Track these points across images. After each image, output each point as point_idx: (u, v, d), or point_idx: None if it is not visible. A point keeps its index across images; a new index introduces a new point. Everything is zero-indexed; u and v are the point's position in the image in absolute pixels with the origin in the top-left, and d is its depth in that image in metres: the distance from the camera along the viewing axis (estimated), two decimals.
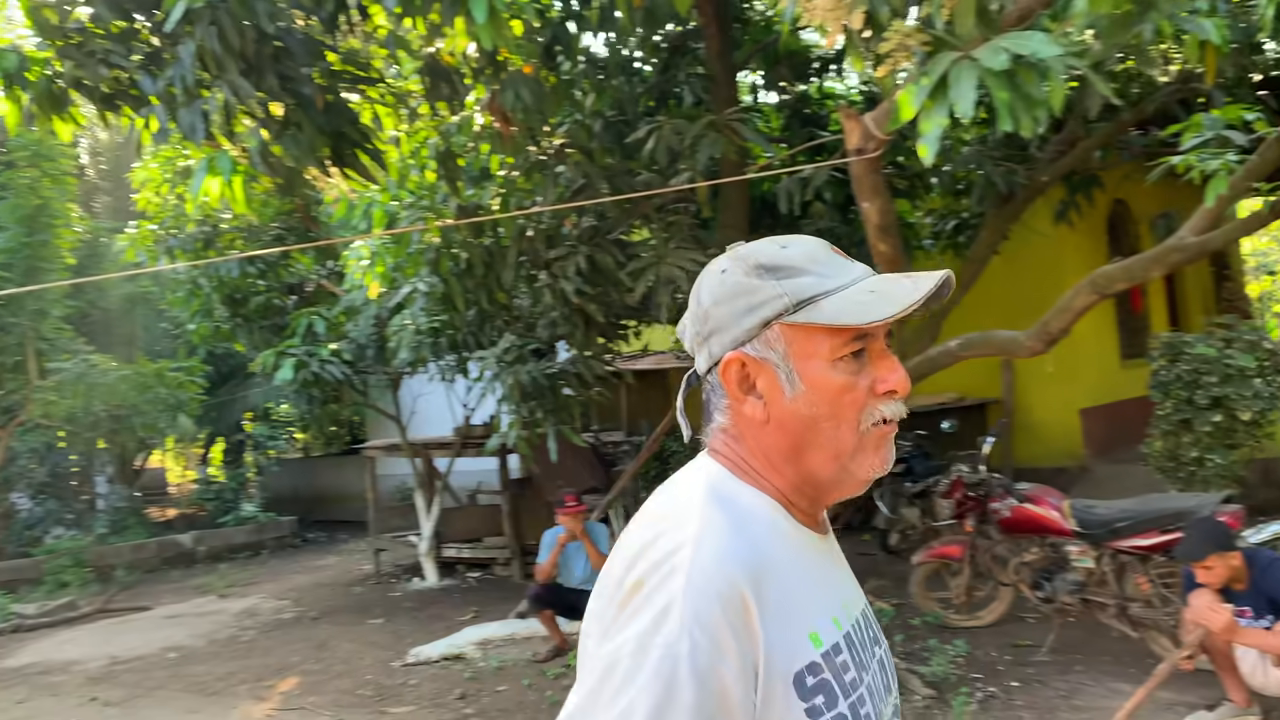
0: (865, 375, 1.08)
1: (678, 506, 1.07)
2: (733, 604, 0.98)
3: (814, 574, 1.10)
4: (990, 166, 7.06)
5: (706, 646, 0.95)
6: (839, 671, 1.04)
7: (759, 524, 1.07)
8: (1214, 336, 6.75)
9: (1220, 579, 4.13)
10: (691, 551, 1.00)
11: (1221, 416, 6.50)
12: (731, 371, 1.10)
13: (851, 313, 1.05)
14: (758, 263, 1.09)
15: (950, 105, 2.45)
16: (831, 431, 1.07)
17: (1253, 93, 6.79)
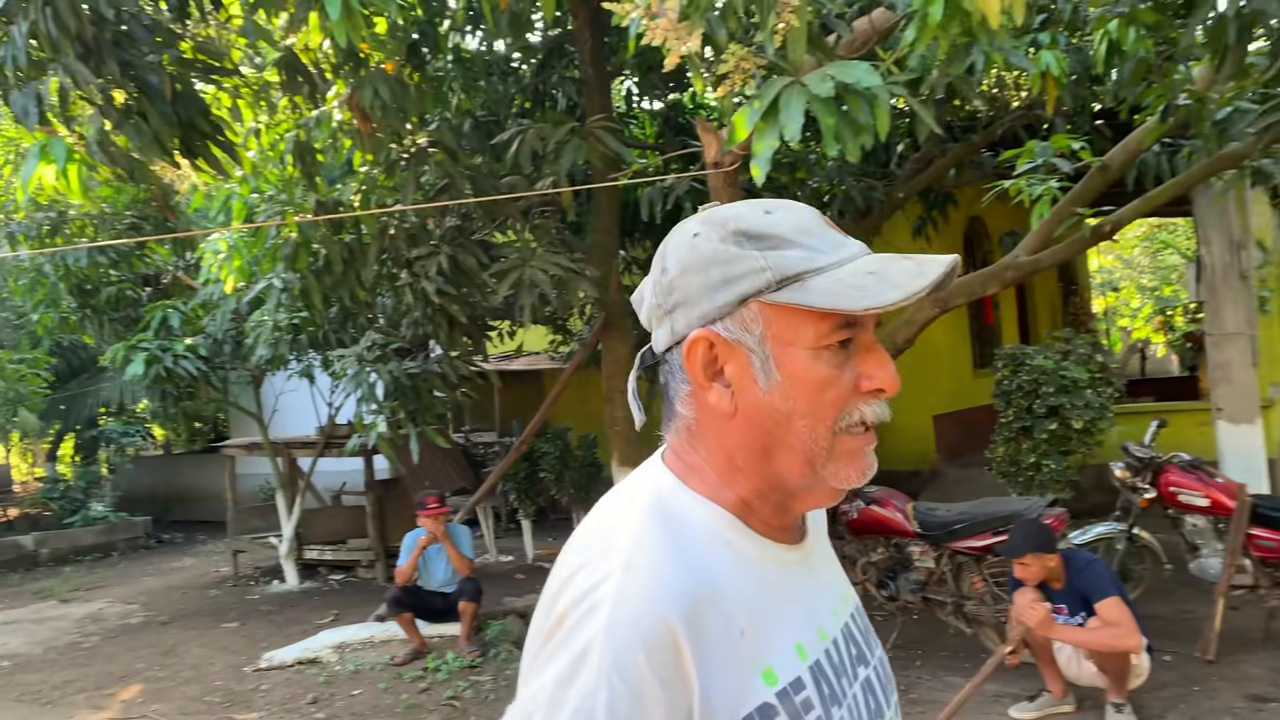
0: (850, 369, 0.93)
1: (612, 526, 0.94)
2: (660, 648, 0.85)
3: (775, 596, 0.96)
4: (850, 182, 7.34)
5: (626, 698, 0.83)
6: (798, 712, 0.91)
7: (706, 544, 0.93)
8: (1052, 349, 7.16)
9: (1036, 577, 4.41)
10: (616, 585, 0.87)
11: (1057, 425, 6.90)
12: (697, 352, 0.94)
13: (846, 296, 0.90)
14: (738, 228, 0.94)
15: (781, 128, 2.57)
16: (806, 430, 0.93)
17: (1091, 121, 7.23)
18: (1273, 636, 5.32)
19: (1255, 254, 9.33)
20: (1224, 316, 7.01)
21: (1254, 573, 5.28)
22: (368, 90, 4.48)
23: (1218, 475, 5.63)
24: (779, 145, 2.55)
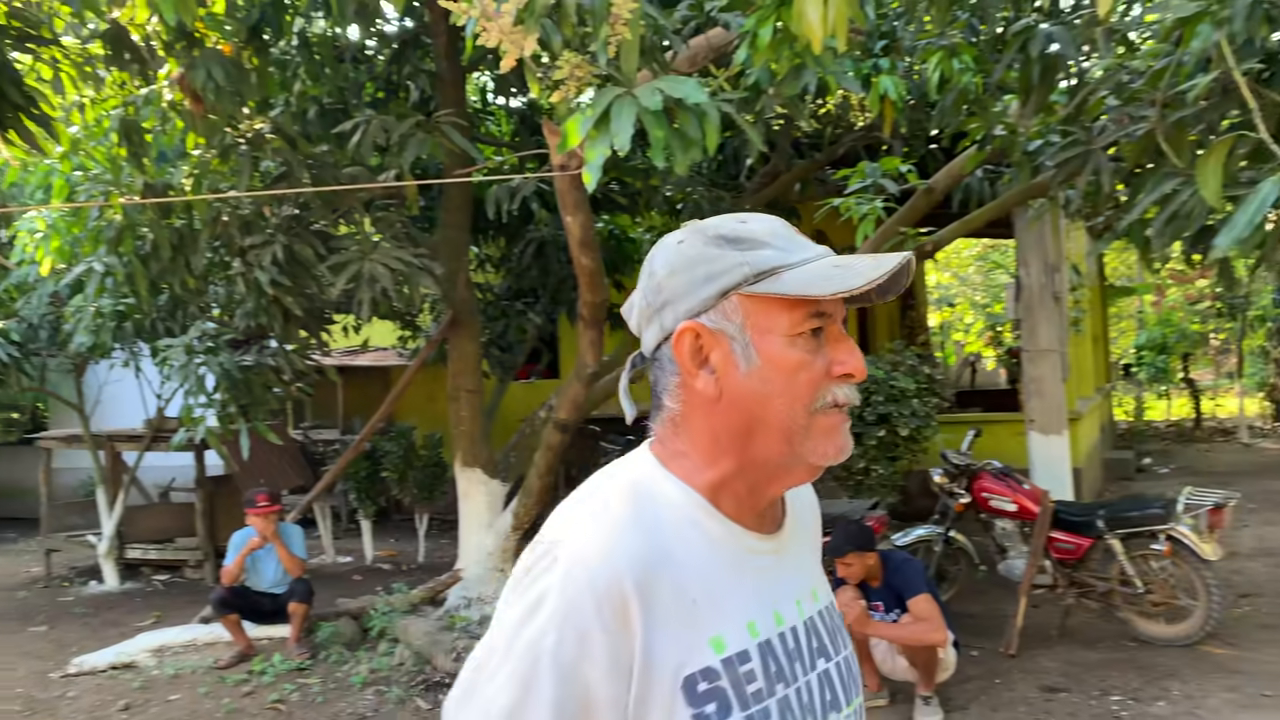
0: (822, 355, 1.04)
1: (587, 497, 1.05)
2: (609, 602, 0.94)
3: (734, 575, 1.04)
4: (701, 191, 7.51)
5: (573, 642, 0.94)
6: (740, 680, 0.99)
7: (673, 521, 1.02)
8: (884, 360, 7.52)
9: (858, 575, 4.63)
10: (578, 544, 0.98)
11: (885, 432, 7.24)
12: (685, 342, 1.04)
13: (815, 285, 1.00)
14: (718, 233, 1.05)
15: (612, 137, 2.62)
16: (784, 410, 1.02)
17: (926, 145, 7.62)
18: (1067, 632, 5.74)
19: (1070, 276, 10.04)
20: (1039, 334, 7.51)
21: (1053, 573, 5.69)
22: (200, 71, 4.30)
23: (1026, 482, 6.03)
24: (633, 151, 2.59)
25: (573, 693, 0.94)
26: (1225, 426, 15.46)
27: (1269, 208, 3.01)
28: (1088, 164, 3.83)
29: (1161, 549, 5.38)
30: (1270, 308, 14.38)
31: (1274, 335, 14.92)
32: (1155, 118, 3.52)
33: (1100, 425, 11.91)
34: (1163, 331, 15.24)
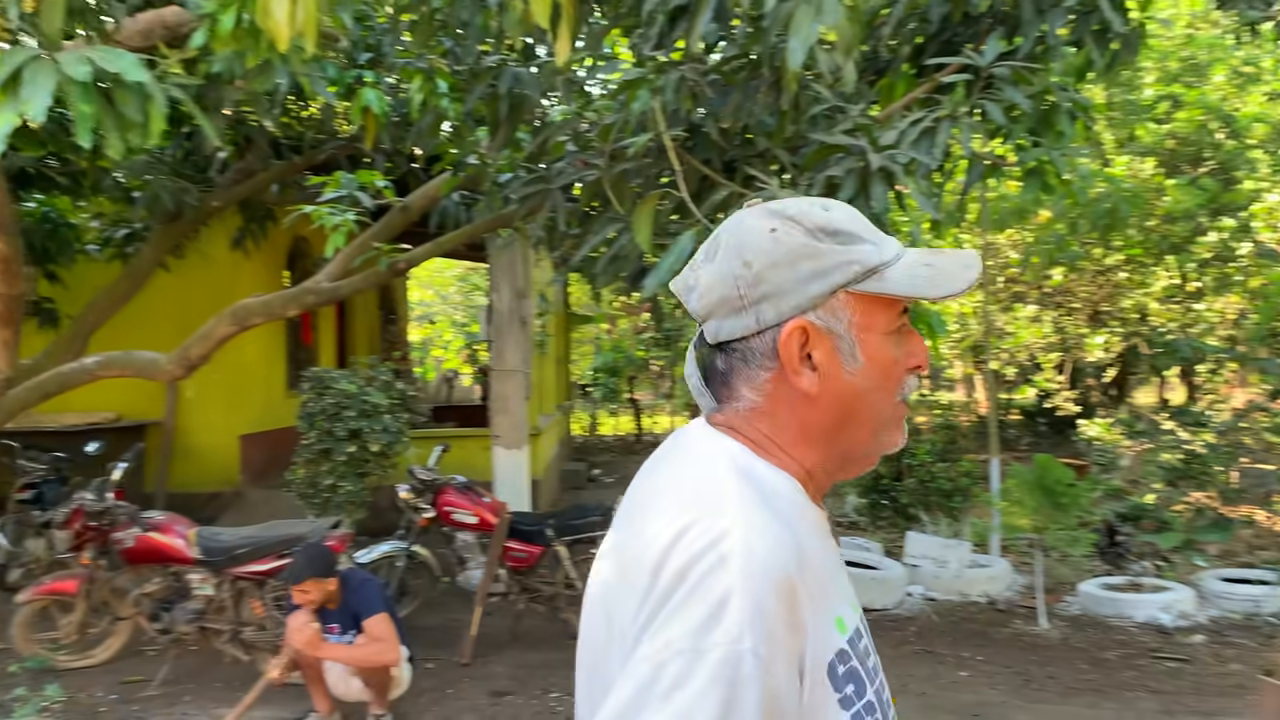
0: (905, 351, 1.04)
1: (705, 487, 0.97)
2: (788, 596, 0.90)
3: (831, 556, 1.04)
4: (163, 181, 6.81)
5: (765, 640, 0.87)
6: (863, 657, 0.99)
7: (787, 505, 0.99)
8: (357, 374, 7.42)
9: (314, 602, 4.47)
10: (742, 538, 0.90)
11: (356, 448, 7.14)
12: (794, 339, 1.01)
13: (919, 286, 1.01)
14: (816, 225, 1.02)
15: (23, 105, 2.23)
16: (878, 404, 1.03)
17: (409, 162, 7.69)
18: (518, 637, 6.10)
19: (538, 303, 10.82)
20: (506, 355, 7.96)
21: (507, 581, 6.02)
22: None
23: (487, 495, 6.33)
24: (9, 126, 2.21)
25: (770, 695, 0.87)
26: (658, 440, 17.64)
27: (686, 257, 3.50)
28: (547, 201, 4.14)
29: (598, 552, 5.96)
30: None
31: None
32: (604, 166, 3.91)
33: (559, 439, 12.97)
34: (614, 356, 17.09)
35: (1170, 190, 9.61)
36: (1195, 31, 10.81)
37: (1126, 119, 10.42)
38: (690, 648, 0.87)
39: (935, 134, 4.02)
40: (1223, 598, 6.62)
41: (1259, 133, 9.49)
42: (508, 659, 5.76)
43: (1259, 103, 9.61)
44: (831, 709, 0.93)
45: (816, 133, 3.92)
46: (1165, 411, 9.37)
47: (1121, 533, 7.01)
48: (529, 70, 4.11)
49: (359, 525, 7.30)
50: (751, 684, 0.86)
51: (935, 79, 4.47)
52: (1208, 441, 7.84)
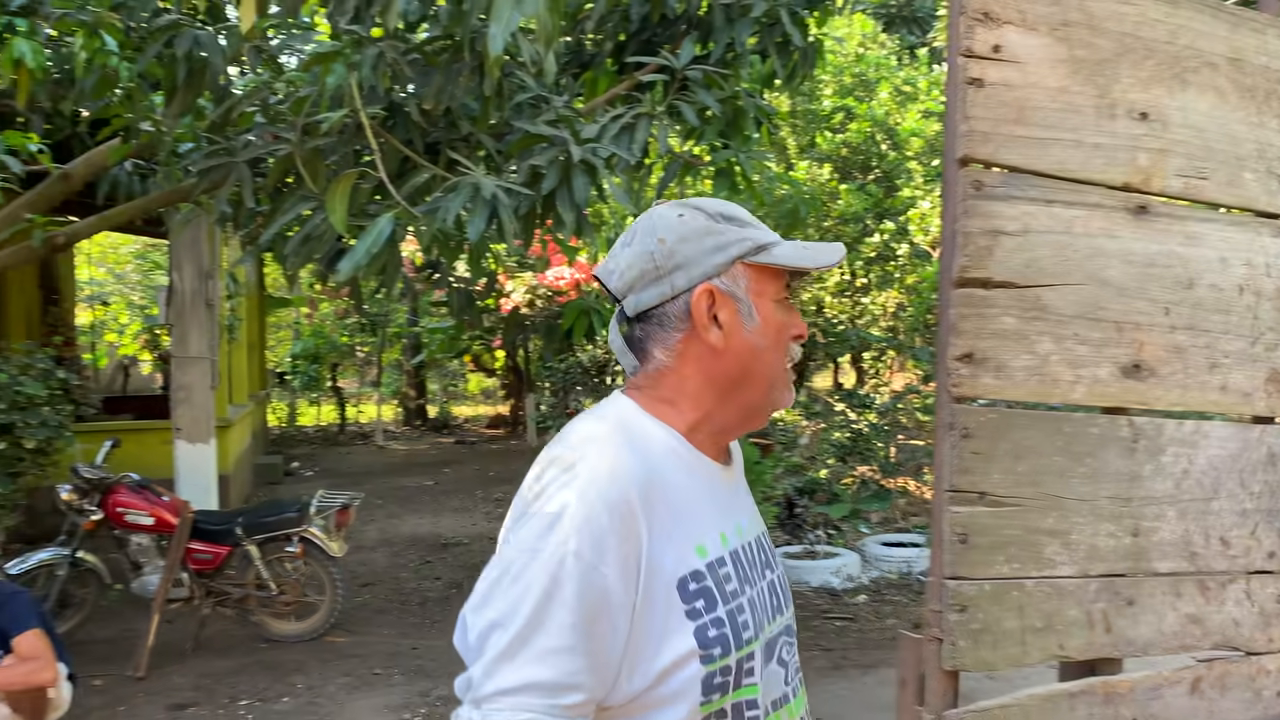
0: (792, 319, 1.26)
1: (583, 432, 1.18)
2: (620, 512, 1.09)
3: (707, 496, 1.22)
4: None
5: (591, 545, 1.07)
6: (720, 581, 1.16)
7: (658, 450, 1.18)
8: (9, 362, 6.56)
9: None
10: (589, 465, 1.11)
11: (6, 444, 6.31)
12: (703, 302, 1.20)
13: (803, 259, 1.23)
14: (718, 211, 1.25)
15: None
16: (772, 361, 1.24)
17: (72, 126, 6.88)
18: (202, 644, 5.68)
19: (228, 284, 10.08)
20: (189, 340, 7.35)
21: (190, 585, 5.58)
22: None
23: (166, 494, 5.81)
24: None
25: (592, 590, 1.06)
26: (365, 430, 17.15)
27: (385, 240, 3.39)
28: (232, 175, 3.86)
29: (295, 550, 5.68)
30: (405, 325, 16.42)
31: (407, 350, 17.07)
32: (296, 141, 3.70)
33: (253, 431, 12.17)
34: (315, 342, 16.28)
35: (843, 194, 10.58)
36: (865, 51, 11.96)
37: (807, 127, 11.35)
38: (530, 548, 1.09)
39: (635, 130, 4.17)
40: (882, 560, 7.42)
41: (915, 146, 10.67)
42: (190, 668, 5.34)
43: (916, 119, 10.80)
44: (676, 616, 1.13)
45: (521, 121, 3.93)
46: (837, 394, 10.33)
47: (799, 505, 7.65)
48: (212, 33, 3.80)
49: (12, 531, 6.48)
50: (572, 579, 1.06)
51: (635, 77, 4.63)
52: (871, 421, 8.73)
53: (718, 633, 1.14)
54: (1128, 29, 1.80)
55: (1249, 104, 1.90)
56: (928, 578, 1.68)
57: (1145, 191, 1.82)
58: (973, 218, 1.66)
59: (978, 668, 1.66)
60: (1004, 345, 1.68)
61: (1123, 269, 1.78)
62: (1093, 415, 1.78)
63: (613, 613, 1.09)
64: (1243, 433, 1.90)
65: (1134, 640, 1.80)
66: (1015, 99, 1.70)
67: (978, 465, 1.66)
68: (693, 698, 1.13)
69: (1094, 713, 1.76)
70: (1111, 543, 1.77)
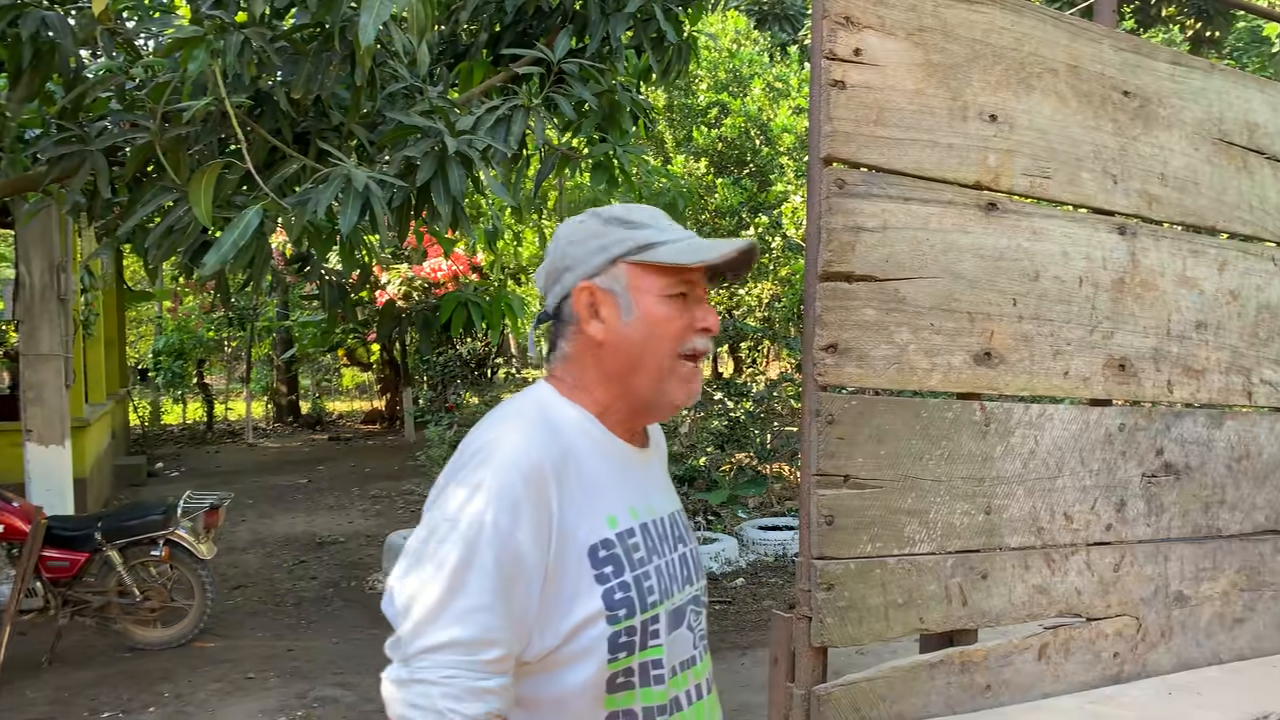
0: (686, 314, 1.32)
1: (503, 413, 1.29)
2: (534, 482, 1.19)
3: (619, 473, 1.32)
4: None
5: (508, 513, 1.17)
6: (629, 550, 1.27)
7: (571, 429, 1.29)
8: None
9: None
10: (505, 441, 1.22)
11: None
12: (583, 297, 1.32)
13: (681, 256, 1.30)
14: (612, 215, 1.35)
15: None
16: (655, 353, 1.30)
17: None
18: (59, 656, 5.39)
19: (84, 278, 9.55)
20: (39, 337, 6.94)
21: (45, 594, 5.29)
22: None
23: (16, 499, 5.49)
24: None
25: (509, 553, 1.16)
26: (235, 428, 16.52)
27: (252, 232, 3.29)
28: (86, 163, 3.67)
29: (160, 554, 5.45)
30: (275, 319, 15.88)
31: (278, 344, 16.51)
32: (155, 129, 3.55)
33: (112, 431, 11.58)
34: (180, 337, 15.58)
35: (719, 188, 10.76)
36: (739, 47, 12.17)
37: (683, 121, 11.48)
38: (450, 516, 1.19)
39: (511, 123, 4.16)
40: (759, 544, 7.61)
41: (787, 141, 10.92)
42: (46, 682, 5.07)
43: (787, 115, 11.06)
44: (586, 580, 1.22)
45: (394, 112, 3.86)
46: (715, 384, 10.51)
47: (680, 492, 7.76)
48: (60, 15, 3.59)
49: None
50: (489, 545, 1.16)
51: (511, 69, 4.60)
52: (748, 409, 8.92)
53: (623, 595, 1.24)
54: (978, 35, 1.91)
55: (1086, 108, 2.05)
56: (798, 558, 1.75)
57: (994, 190, 1.93)
58: (836, 214, 1.73)
59: (845, 643, 1.74)
60: (865, 336, 1.77)
61: (974, 263, 1.90)
62: (948, 400, 1.89)
63: (528, 575, 1.18)
64: (1083, 415, 2.05)
65: (987, 612, 1.92)
66: (875, 101, 1.78)
67: (842, 450, 1.74)
68: (600, 655, 1.22)
69: (952, 681, 1.87)
70: (966, 520, 1.89)
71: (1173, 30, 15.24)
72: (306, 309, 14.38)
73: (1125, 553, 2.09)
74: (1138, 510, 2.11)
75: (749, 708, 4.58)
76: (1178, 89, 2.17)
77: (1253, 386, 2.30)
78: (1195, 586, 2.19)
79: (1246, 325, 2.28)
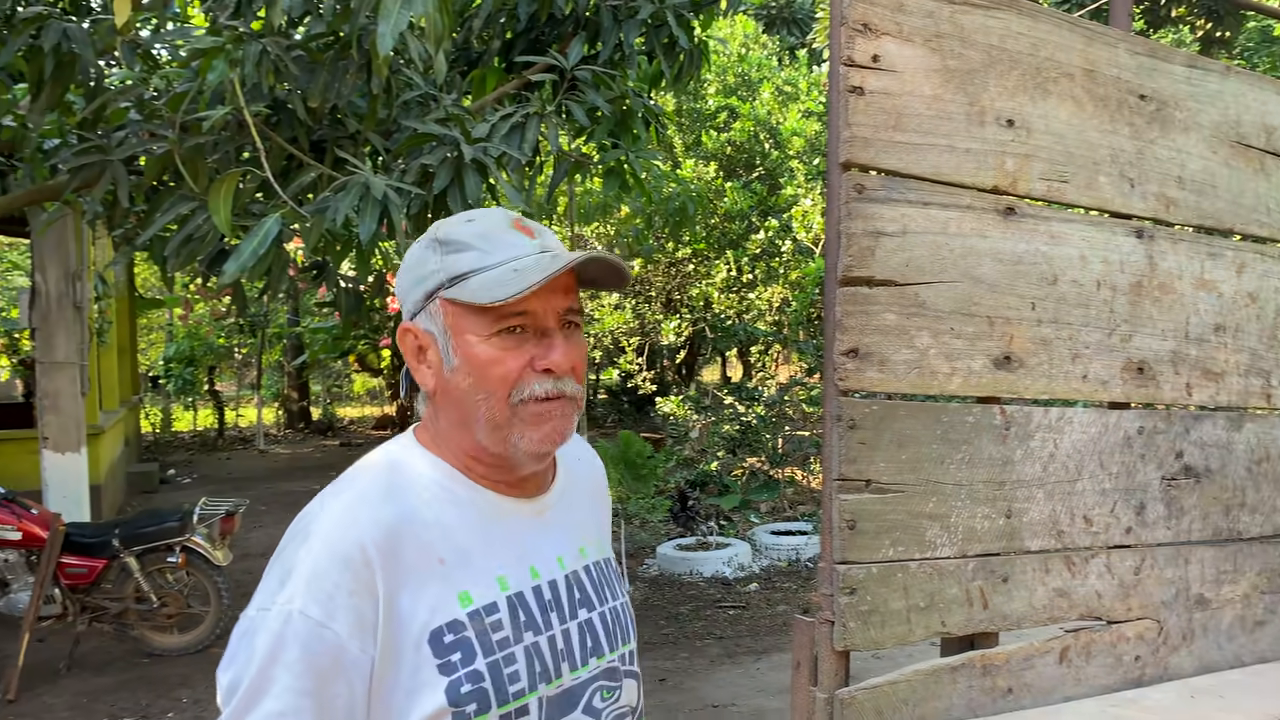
0: (521, 353, 1.08)
1: (343, 478, 1.11)
2: (350, 566, 1.01)
3: (484, 534, 1.11)
4: None
5: (319, 602, 0.99)
6: (485, 630, 1.06)
7: (422, 488, 1.09)
8: None
9: None
10: (325, 517, 1.05)
11: None
12: (407, 341, 1.13)
13: (486, 291, 1.06)
14: (435, 235, 1.12)
15: None
16: (484, 403, 1.09)
17: None
18: (78, 662, 5.43)
19: (97, 286, 9.61)
20: (55, 345, 6.99)
21: (63, 600, 5.33)
22: None
23: (35, 507, 5.54)
24: None
25: (322, 648, 0.99)
26: (246, 435, 16.60)
27: (271, 241, 3.31)
28: (105, 173, 3.70)
29: (177, 561, 5.48)
30: (286, 326, 15.95)
31: (288, 351, 16.58)
32: (174, 139, 3.58)
33: (125, 438, 11.65)
34: (191, 344, 15.66)
35: (729, 192, 10.78)
36: (748, 51, 12.20)
37: (693, 126, 11.51)
38: (260, 607, 1.03)
39: (525, 129, 4.18)
40: (772, 549, 7.61)
41: (796, 145, 10.94)
42: (65, 688, 5.11)
43: (797, 119, 11.08)
44: (428, 670, 1.03)
45: (409, 120, 3.89)
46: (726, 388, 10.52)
47: (691, 497, 7.78)
48: (81, 26, 3.63)
49: None
50: (298, 638, 0.99)
51: (524, 76, 4.63)
52: (759, 414, 8.93)
53: (473, 688, 1.04)
54: (994, 41, 1.93)
55: (1103, 112, 2.05)
56: (818, 563, 1.76)
57: (1012, 194, 1.94)
58: (855, 219, 1.75)
59: (867, 647, 1.75)
60: (886, 340, 1.78)
61: (993, 267, 1.91)
62: (968, 405, 1.89)
63: (347, 672, 1.01)
64: (1102, 418, 2.05)
65: (1008, 615, 1.92)
66: (893, 106, 1.80)
67: (863, 455, 1.75)
68: None
69: (973, 684, 1.88)
70: (987, 524, 1.89)
71: (1183, 31, 15.21)
72: (317, 315, 14.43)
73: (1145, 555, 2.09)
74: (1158, 513, 2.11)
75: (765, 712, 4.59)
76: (1194, 92, 2.17)
77: (1272, 389, 2.30)
78: (1216, 589, 2.20)
79: (1265, 327, 2.28)
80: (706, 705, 4.80)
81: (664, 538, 8.01)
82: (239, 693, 1.00)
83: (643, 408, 14.80)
